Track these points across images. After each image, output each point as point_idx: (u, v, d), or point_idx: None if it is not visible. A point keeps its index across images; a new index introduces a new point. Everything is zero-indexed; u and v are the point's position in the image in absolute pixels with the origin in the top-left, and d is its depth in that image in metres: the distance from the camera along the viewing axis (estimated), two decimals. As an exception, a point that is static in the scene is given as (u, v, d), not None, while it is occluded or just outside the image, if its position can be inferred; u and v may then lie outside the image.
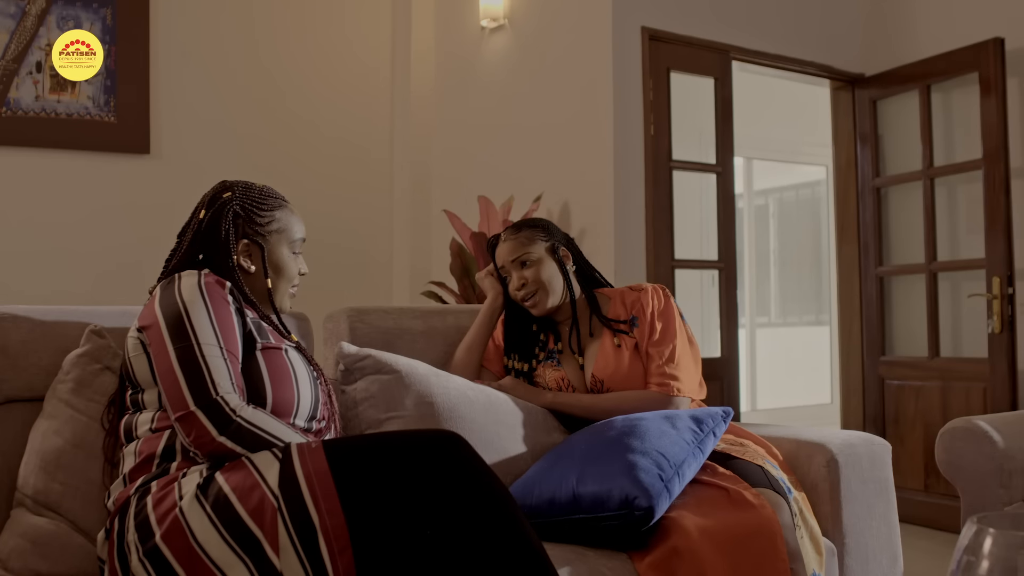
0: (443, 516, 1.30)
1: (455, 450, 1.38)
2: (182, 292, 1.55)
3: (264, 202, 1.74)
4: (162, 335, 1.51)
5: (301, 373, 1.63)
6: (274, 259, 1.73)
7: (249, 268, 1.71)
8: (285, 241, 1.75)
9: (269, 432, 1.47)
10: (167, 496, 1.41)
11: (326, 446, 1.38)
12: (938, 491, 3.87)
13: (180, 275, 1.60)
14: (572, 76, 3.93)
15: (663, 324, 2.11)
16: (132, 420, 1.58)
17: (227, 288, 1.60)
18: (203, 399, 1.44)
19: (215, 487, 1.38)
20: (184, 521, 1.36)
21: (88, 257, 4.26)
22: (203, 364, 1.47)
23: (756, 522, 1.67)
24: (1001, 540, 0.85)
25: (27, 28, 4.19)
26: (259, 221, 1.72)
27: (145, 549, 1.37)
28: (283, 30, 4.78)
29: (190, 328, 1.50)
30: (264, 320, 1.68)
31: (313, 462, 1.35)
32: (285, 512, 1.32)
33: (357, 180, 4.88)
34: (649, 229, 3.71)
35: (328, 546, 1.28)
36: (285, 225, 1.75)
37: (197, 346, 1.48)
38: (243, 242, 1.71)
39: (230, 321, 1.55)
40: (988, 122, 3.78)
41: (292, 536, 1.30)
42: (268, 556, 1.31)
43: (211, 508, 1.36)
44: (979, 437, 2.24)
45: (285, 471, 1.36)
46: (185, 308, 1.52)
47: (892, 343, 4.32)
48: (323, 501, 1.31)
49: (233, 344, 1.53)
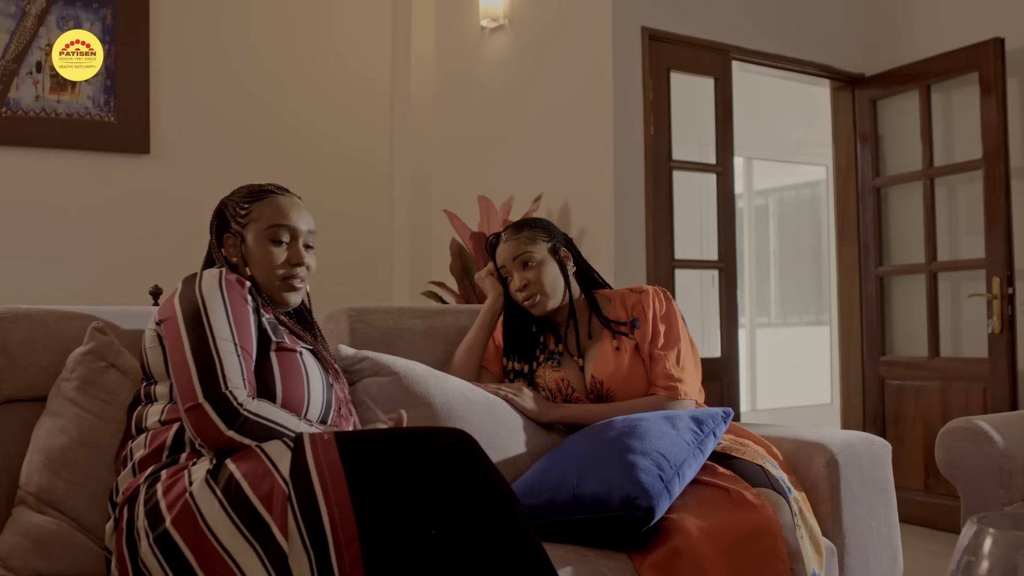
0: (448, 514, 1.31)
1: (464, 449, 1.39)
2: (202, 287, 1.58)
3: (249, 195, 1.76)
4: (178, 327, 1.53)
5: (314, 376, 1.65)
6: (249, 248, 1.73)
7: (233, 260, 1.74)
8: (261, 230, 1.72)
9: (277, 422, 1.48)
10: (177, 482, 1.42)
11: (338, 438, 1.39)
12: (938, 491, 3.87)
13: (202, 272, 1.63)
14: (572, 76, 3.93)
15: (667, 327, 2.11)
16: (143, 412, 1.60)
17: (247, 288, 1.62)
18: (212, 392, 1.45)
19: (226, 472, 1.39)
20: (195, 506, 1.37)
21: (88, 257, 4.26)
22: (216, 358, 1.48)
23: (756, 522, 1.67)
24: (1001, 540, 0.85)
25: (27, 28, 4.19)
26: (239, 213, 1.74)
27: (155, 535, 1.38)
28: (283, 28, 4.77)
29: (207, 322, 1.52)
30: (280, 322, 1.69)
31: (325, 453, 1.36)
32: (294, 500, 1.32)
33: (357, 180, 4.87)
34: (649, 229, 3.71)
35: (335, 537, 1.28)
36: (260, 214, 1.73)
37: (212, 340, 1.50)
38: (228, 236, 1.75)
39: (247, 319, 1.58)
40: (988, 122, 3.78)
41: (300, 525, 1.30)
42: (278, 541, 1.31)
43: (222, 493, 1.36)
44: (979, 437, 2.24)
45: (297, 460, 1.36)
46: (203, 302, 1.55)
47: (892, 343, 4.32)
48: (333, 492, 1.31)
49: (248, 342, 1.55)
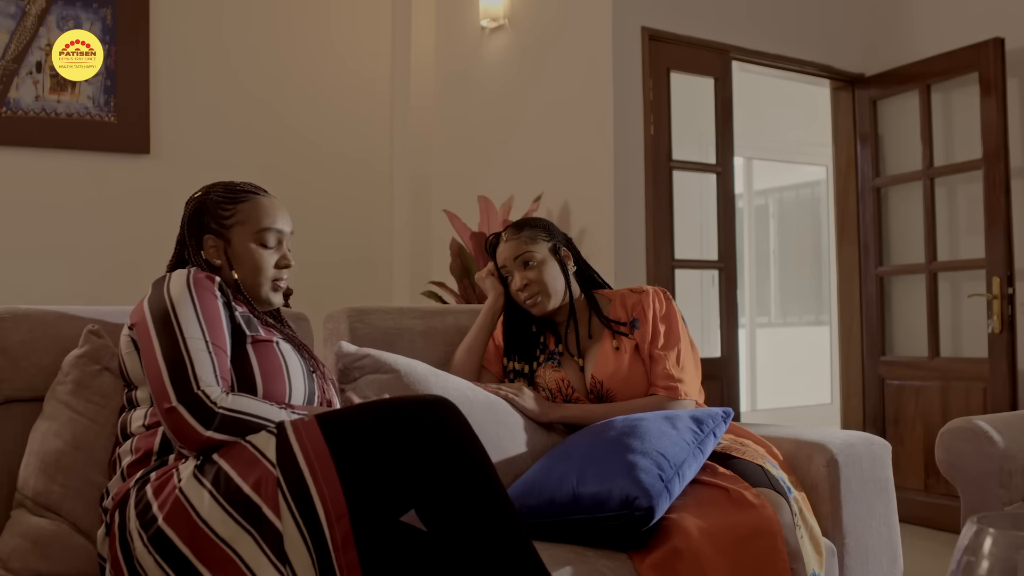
0: (429, 484, 1.32)
1: (443, 419, 1.39)
2: (170, 288, 1.56)
3: (231, 196, 1.74)
4: (148, 331, 1.52)
5: (293, 365, 1.64)
6: (236, 251, 1.72)
7: (215, 263, 1.72)
8: (249, 233, 1.72)
9: (255, 414, 1.47)
10: (167, 482, 1.42)
11: (319, 419, 1.40)
12: (938, 491, 3.87)
13: (170, 273, 1.62)
14: (572, 76, 3.93)
15: (667, 327, 2.11)
16: (127, 417, 1.60)
17: (216, 283, 1.61)
18: (184, 393, 1.44)
19: (213, 466, 1.40)
20: (185, 500, 1.37)
21: (88, 257, 4.26)
22: (187, 358, 1.47)
23: (756, 522, 1.67)
24: (1001, 540, 0.85)
25: (27, 28, 4.18)
26: (222, 215, 1.72)
27: (149, 535, 1.38)
28: (283, 28, 4.77)
29: (175, 322, 1.51)
30: (255, 315, 1.68)
31: (308, 435, 1.37)
32: (283, 483, 1.33)
33: (357, 179, 4.87)
34: (649, 229, 3.71)
35: (327, 515, 1.29)
36: (247, 217, 1.73)
37: (182, 340, 1.49)
38: (207, 237, 1.72)
39: (217, 314, 1.56)
40: (988, 122, 3.78)
41: (291, 506, 1.31)
42: (272, 523, 1.32)
43: (211, 484, 1.37)
44: (979, 437, 2.24)
45: (282, 445, 1.37)
46: (172, 303, 1.54)
47: (892, 343, 4.32)
48: (320, 471, 1.32)
49: (220, 337, 1.54)
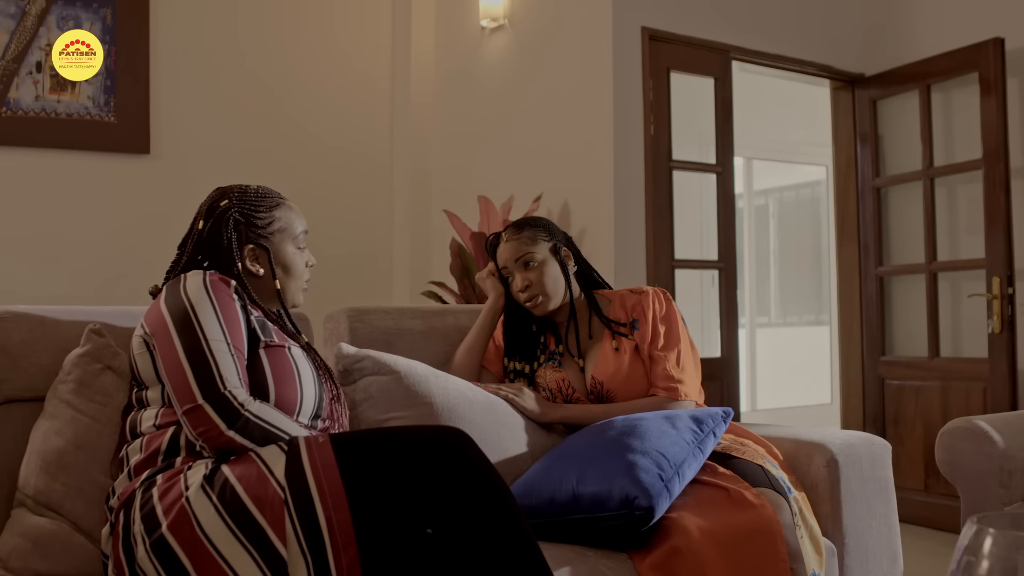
0: (446, 515, 1.31)
1: (460, 448, 1.39)
2: (188, 290, 1.56)
3: (262, 203, 1.74)
4: (169, 332, 1.52)
5: (305, 371, 1.64)
6: (281, 258, 1.75)
7: (257, 272, 1.72)
8: (289, 239, 1.76)
9: (277, 426, 1.48)
10: (173, 487, 1.42)
11: (333, 440, 1.39)
12: (938, 491, 3.87)
13: (186, 275, 1.61)
14: (572, 76, 3.93)
15: (667, 328, 2.11)
16: (136, 417, 1.60)
17: (232, 286, 1.62)
18: (211, 393, 1.45)
19: (221, 478, 1.39)
20: (191, 511, 1.37)
21: (88, 257, 4.26)
22: (211, 358, 1.48)
23: (756, 522, 1.67)
24: (1001, 540, 0.85)
25: (27, 28, 4.18)
26: (260, 224, 1.73)
27: (152, 540, 1.37)
28: (283, 29, 4.77)
29: (197, 324, 1.51)
30: (269, 319, 1.68)
31: (320, 455, 1.36)
32: (291, 504, 1.32)
33: (357, 179, 4.87)
34: (649, 229, 3.71)
35: (332, 541, 1.28)
36: (287, 223, 1.76)
37: (204, 341, 1.50)
38: (248, 247, 1.72)
39: (236, 317, 1.57)
40: (988, 122, 3.78)
41: (297, 529, 1.30)
42: (275, 546, 1.31)
43: (217, 498, 1.36)
44: (979, 437, 2.24)
45: (292, 463, 1.36)
46: (191, 305, 1.54)
47: (892, 343, 4.32)
48: (330, 496, 1.31)
49: (239, 340, 1.55)
